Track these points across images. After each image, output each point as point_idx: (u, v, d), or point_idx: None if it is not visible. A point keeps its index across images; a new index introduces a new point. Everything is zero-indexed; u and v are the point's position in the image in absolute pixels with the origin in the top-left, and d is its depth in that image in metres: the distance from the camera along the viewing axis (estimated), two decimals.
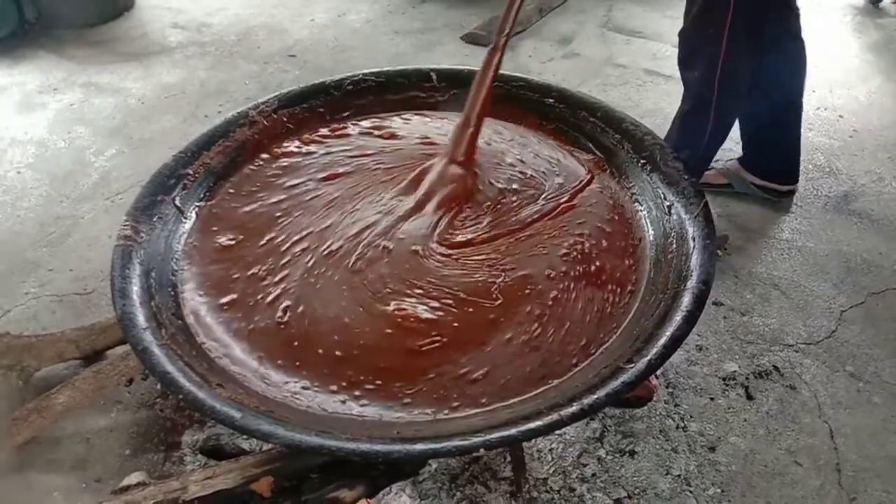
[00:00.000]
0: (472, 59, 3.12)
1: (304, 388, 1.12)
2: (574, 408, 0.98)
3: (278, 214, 1.44)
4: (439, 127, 1.68)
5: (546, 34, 3.38)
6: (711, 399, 1.67)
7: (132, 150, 2.57)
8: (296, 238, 1.38)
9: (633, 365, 1.05)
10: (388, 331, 1.18)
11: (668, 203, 1.39)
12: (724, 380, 1.71)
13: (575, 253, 1.32)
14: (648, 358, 1.05)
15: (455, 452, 0.96)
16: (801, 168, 2.43)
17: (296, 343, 1.19)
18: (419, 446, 0.96)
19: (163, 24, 3.47)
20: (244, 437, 1.54)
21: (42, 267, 2.07)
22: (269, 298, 1.26)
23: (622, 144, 1.54)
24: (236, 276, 1.31)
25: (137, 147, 2.59)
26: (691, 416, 1.62)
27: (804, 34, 2.03)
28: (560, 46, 3.27)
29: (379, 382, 1.11)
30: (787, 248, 2.11)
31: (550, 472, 1.49)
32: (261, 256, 1.35)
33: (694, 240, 1.26)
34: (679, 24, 2.03)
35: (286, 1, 3.75)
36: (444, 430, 1.02)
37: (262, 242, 1.37)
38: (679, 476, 1.50)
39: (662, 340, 1.08)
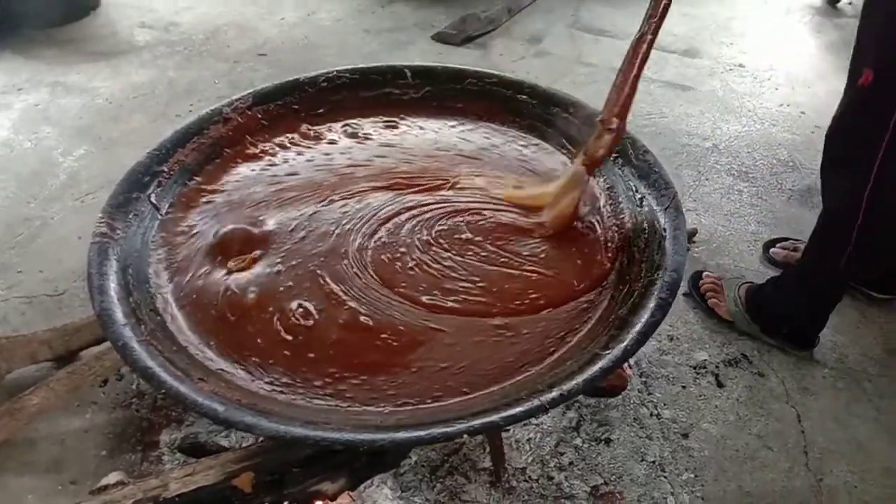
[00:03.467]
0: (444, 58, 3.14)
1: (286, 383, 1.13)
2: (554, 393, 1.00)
3: (257, 205, 1.45)
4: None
5: (516, 33, 3.42)
6: (683, 387, 1.71)
7: (101, 151, 2.53)
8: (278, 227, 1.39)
9: (609, 351, 1.08)
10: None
11: (639, 195, 1.42)
12: (694, 368, 1.76)
13: (548, 246, 1.35)
14: (625, 345, 1.08)
15: (440, 438, 0.98)
16: (766, 163, 2.51)
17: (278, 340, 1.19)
18: (403, 434, 0.97)
19: (130, 24, 3.43)
20: (224, 433, 1.54)
21: (10, 269, 2.04)
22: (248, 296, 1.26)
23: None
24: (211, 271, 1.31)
25: (106, 147, 2.55)
26: (664, 404, 1.66)
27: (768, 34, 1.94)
28: (530, 45, 3.31)
29: (364, 378, 1.12)
30: (754, 240, 2.17)
31: (529, 461, 1.51)
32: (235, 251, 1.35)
33: (665, 230, 1.30)
34: None
35: None
36: (427, 419, 1.03)
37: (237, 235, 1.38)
38: (654, 462, 1.54)
39: (637, 327, 1.10)
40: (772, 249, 2.10)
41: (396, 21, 3.52)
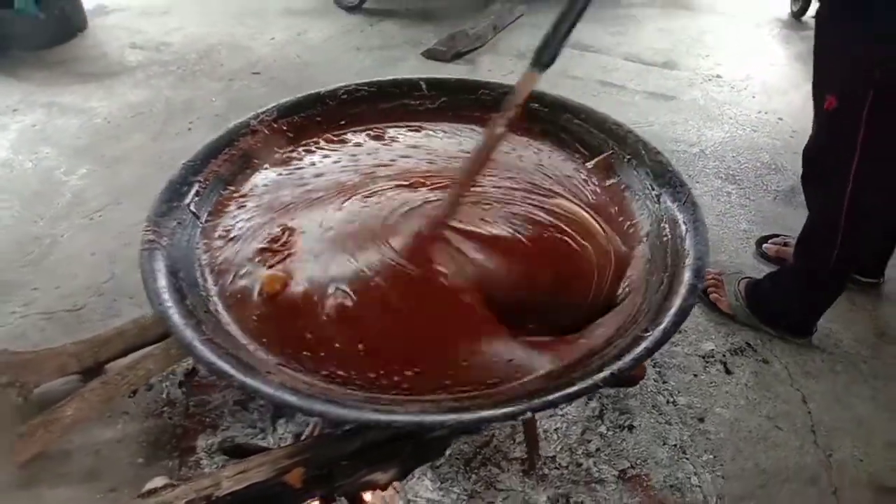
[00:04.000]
0: (435, 75, 3.23)
1: (342, 376, 1.18)
2: (605, 373, 1.08)
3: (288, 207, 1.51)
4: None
5: (503, 49, 3.54)
6: (695, 375, 1.80)
7: (104, 169, 2.55)
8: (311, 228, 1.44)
9: (650, 333, 1.16)
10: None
11: (655, 193, 1.52)
12: (703, 358, 1.86)
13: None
14: (663, 326, 1.16)
15: (502, 418, 1.04)
16: (751, 166, 2.64)
17: (328, 333, 1.25)
18: (468, 415, 1.03)
19: (121, 45, 3.46)
20: (261, 434, 1.58)
21: (25, 286, 2.04)
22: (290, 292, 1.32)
23: (607, 143, 1.67)
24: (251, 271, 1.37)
25: (109, 165, 2.57)
26: (679, 392, 1.75)
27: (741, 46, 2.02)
28: (517, 60, 3.43)
29: (417, 369, 1.18)
30: (746, 237, 2.29)
31: (558, 449, 1.59)
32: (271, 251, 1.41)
33: (685, 223, 1.39)
34: (623, 40, 2.14)
35: (244, 20, 3.79)
36: (487, 402, 1.10)
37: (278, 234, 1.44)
38: (675, 445, 1.62)
39: (673, 310, 1.19)
40: (764, 245, 2.22)
41: (385, 39, 3.61)
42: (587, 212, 1.49)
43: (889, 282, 2.09)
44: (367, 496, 1.42)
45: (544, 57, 1.32)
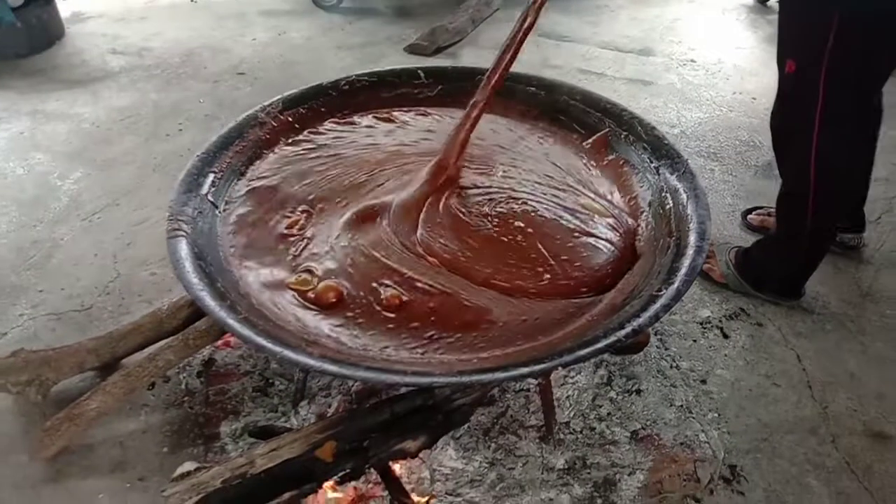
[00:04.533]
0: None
1: (383, 347, 1.23)
2: (627, 329, 1.15)
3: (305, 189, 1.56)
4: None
5: (483, 42, 3.61)
6: (694, 341, 1.89)
7: (99, 172, 2.56)
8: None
9: (663, 292, 1.23)
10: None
11: (654, 165, 1.60)
12: (701, 324, 1.94)
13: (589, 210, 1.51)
14: (676, 286, 1.23)
15: (537, 373, 1.10)
16: (730, 144, 2.75)
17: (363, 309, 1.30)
18: (502, 374, 1.09)
19: (101, 51, 3.45)
20: (284, 417, 1.62)
21: (30, 289, 2.05)
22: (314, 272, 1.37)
23: (604, 121, 1.75)
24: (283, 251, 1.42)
25: (103, 168, 2.58)
26: (681, 357, 1.83)
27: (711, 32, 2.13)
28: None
29: (459, 335, 1.24)
30: (731, 210, 2.39)
31: (571, 416, 1.65)
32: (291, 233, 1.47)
33: (686, 191, 1.47)
34: (599, 30, 2.21)
35: (223, 23, 3.80)
36: (515, 361, 1.16)
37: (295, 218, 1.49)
38: (681, 406, 1.70)
39: (683, 271, 1.26)
40: (749, 216, 2.33)
41: (366, 36, 3.66)
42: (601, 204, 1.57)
43: (869, 245, 2.20)
44: (396, 467, 1.48)
45: None
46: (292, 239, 1.46)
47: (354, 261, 1.38)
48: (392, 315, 1.28)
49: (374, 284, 1.33)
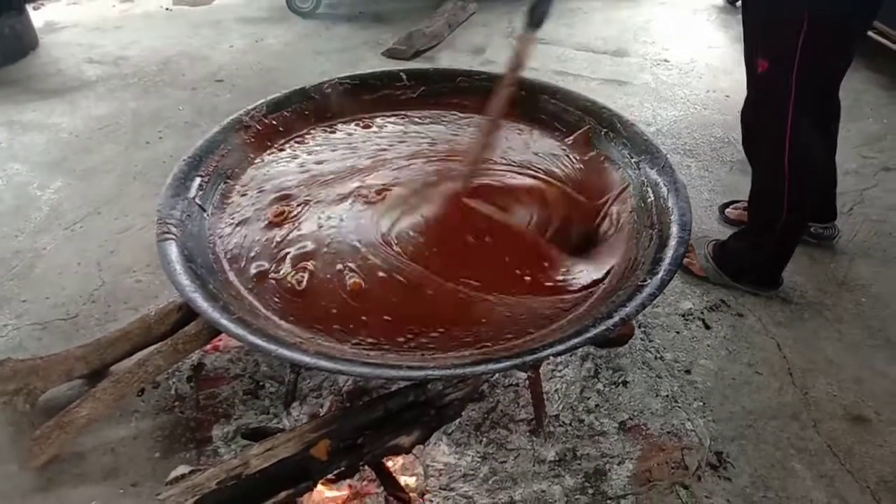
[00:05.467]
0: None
1: (371, 343, 1.25)
2: (616, 318, 1.18)
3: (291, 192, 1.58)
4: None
5: (460, 46, 3.64)
6: (677, 332, 1.93)
7: (79, 181, 2.54)
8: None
9: (648, 282, 1.27)
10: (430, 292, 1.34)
11: (635, 160, 1.64)
12: (683, 316, 1.98)
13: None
14: (660, 276, 1.27)
15: (530, 364, 1.13)
16: (706, 140, 2.81)
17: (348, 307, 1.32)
18: (494, 365, 1.12)
19: (76, 60, 3.42)
20: (276, 418, 1.63)
21: (14, 299, 2.03)
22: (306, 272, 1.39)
23: (584, 119, 1.79)
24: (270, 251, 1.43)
25: (83, 178, 2.56)
26: (664, 348, 1.87)
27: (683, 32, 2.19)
28: (475, 55, 3.53)
29: (442, 330, 1.26)
30: (709, 205, 2.44)
31: (560, 408, 1.68)
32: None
33: (666, 185, 1.51)
34: (574, 32, 2.25)
35: (199, 31, 3.79)
36: (507, 353, 1.18)
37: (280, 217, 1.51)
38: (667, 396, 1.74)
39: (667, 261, 1.30)
40: (726, 210, 2.38)
41: (344, 42, 3.67)
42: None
43: (843, 236, 2.26)
44: (389, 463, 1.49)
45: (535, 17, 1.44)
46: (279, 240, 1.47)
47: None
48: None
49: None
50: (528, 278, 1.38)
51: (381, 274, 1.36)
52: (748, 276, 2.07)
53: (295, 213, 1.51)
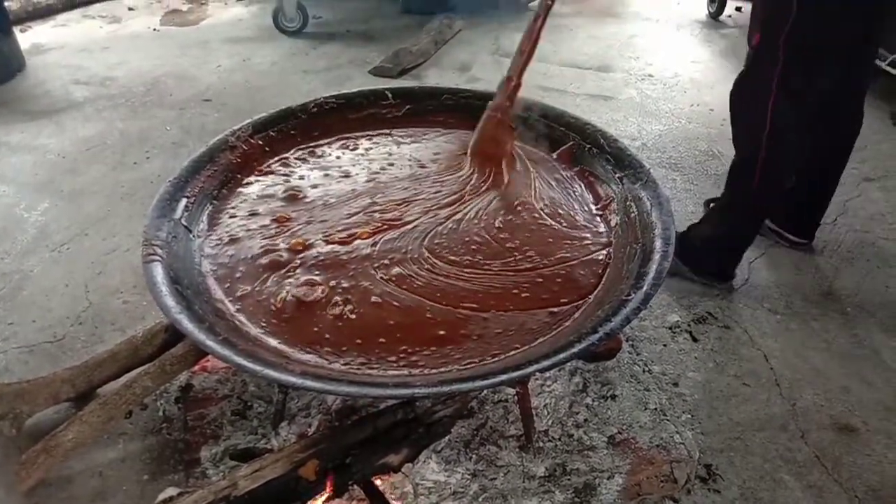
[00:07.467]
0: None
1: (362, 363, 1.25)
2: (601, 332, 1.19)
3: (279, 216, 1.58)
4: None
5: (446, 63, 3.67)
6: (665, 345, 1.94)
7: (66, 203, 2.54)
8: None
9: (632, 297, 1.28)
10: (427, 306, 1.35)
11: (618, 175, 1.65)
12: (670, 329, 1.99)
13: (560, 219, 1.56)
14: (644, 290, 1.28)
15: (517, 379, 1.13)
16: (690, 154, 2.84)
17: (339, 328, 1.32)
18: (482, 382, 1.12)
19: (63, 82, 3.43)
20: (264, 439, 1.62)
21: (0, 322, 2.02)
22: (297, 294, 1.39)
23: (568, 136, 1.80)
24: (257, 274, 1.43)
25: (70, 199, 2.56)
26: (652, 361, 1.88)
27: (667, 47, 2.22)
28: (461, 73, 3.56)
29: (433, 349, 1.26)
30: (693, 218, 2.45)
31: (549, 423, 1.68)
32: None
33: (650, 199, 1.53)
34: (558, 48, 2.28)
35: (186, 51, 3.81)
36: (495, 369, 1.19)
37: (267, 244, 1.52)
38: (656, 409, 1.74)
39: (651, 275, 1.31)
40: (711, 205, 2.43)
41: (331, 60, 3.69)
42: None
43: (827, 247, 2.29)
44: (378, 482, 1.49)
45: None
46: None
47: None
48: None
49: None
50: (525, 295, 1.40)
51: (374, 299, 1.36)
52: (703, 265, 2.12)
53: (288, 232, 1.51)
